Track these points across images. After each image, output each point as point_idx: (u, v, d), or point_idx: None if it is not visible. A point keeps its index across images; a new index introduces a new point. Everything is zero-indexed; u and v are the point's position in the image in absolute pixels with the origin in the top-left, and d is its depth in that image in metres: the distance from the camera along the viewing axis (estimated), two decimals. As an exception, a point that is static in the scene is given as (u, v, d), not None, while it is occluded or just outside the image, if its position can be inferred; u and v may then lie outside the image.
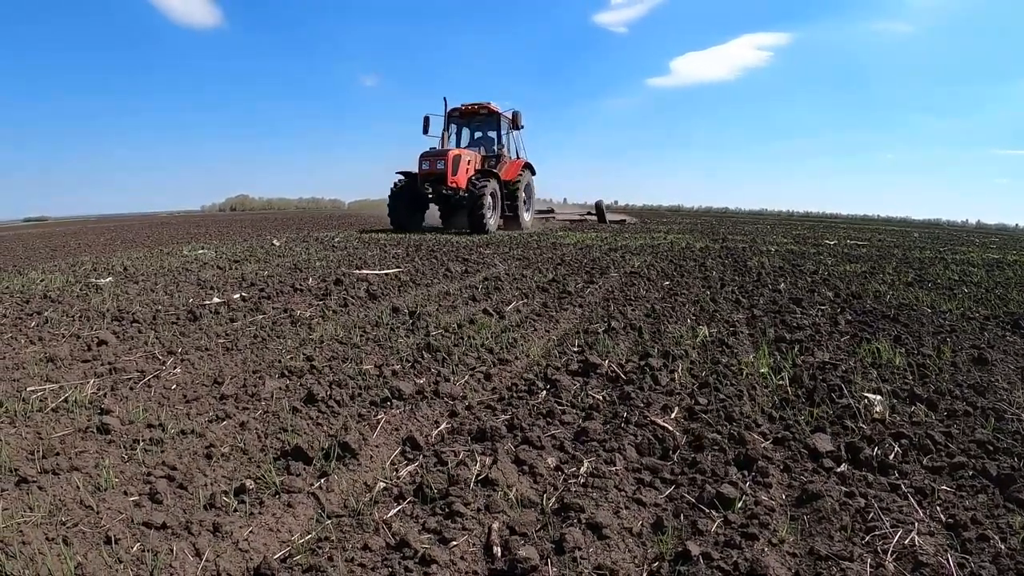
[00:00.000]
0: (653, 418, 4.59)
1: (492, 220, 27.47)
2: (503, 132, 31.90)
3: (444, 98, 30.52)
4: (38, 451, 4.20)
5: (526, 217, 31.57)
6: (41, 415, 4.88)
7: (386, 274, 12.11)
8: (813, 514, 3.34)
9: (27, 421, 4.77)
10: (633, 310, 8.41)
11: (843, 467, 3.94)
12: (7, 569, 2.94)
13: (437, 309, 8.54)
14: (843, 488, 3.63)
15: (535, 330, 7.40)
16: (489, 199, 26.91)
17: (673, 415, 4.73)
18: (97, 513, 3.40)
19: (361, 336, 7.10)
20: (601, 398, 5.06)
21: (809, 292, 10.24)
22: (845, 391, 5.15)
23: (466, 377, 5.62)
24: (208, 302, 9.13)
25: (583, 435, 4.33)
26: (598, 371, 5.69)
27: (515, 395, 5.25)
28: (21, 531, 3.19)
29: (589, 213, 43.38)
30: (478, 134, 32.77)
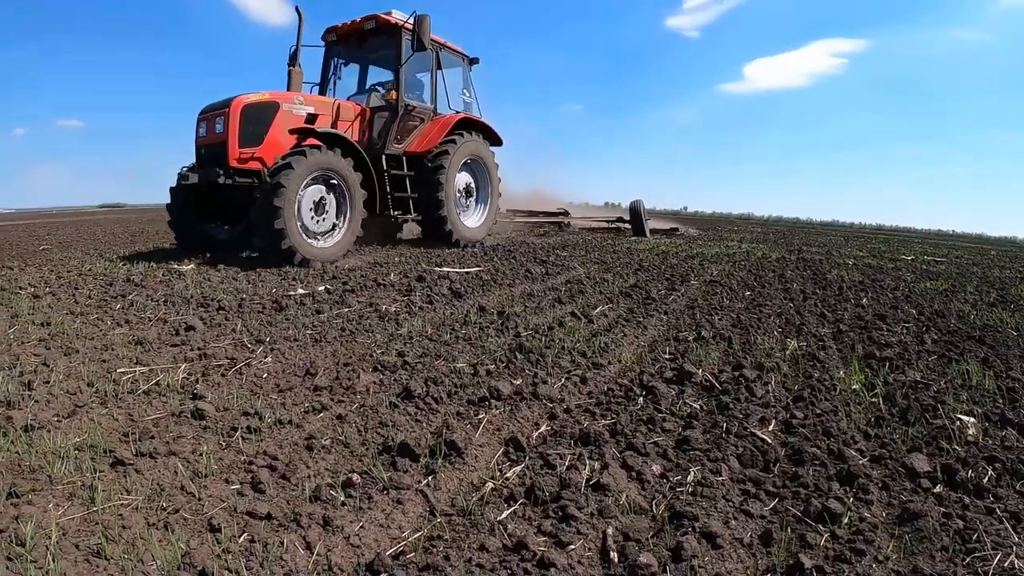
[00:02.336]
0: (752, 430, 4.56)
1: (330, 239, 13.76)
2: (405, 58, 16.54)
3: (297, 8, 16.39)
4: (133, 433, 4.24)
5: (471, 223, 18.90)
6: (133, 397, 4.95)
7: (467, 272, 12.11)
8: (915, 533, 3.30)
9: (118, 403, 4.84)
10: (720, 319, 8.34)
11: (939, 488, 3.88)
12: (107, 552, 2.94)
13: (524, 310, 8.55)
14: (941, 509, 3.58)
15: (624, 335, 7.33)
16: (297, 194, 12.67)
17: (771, 427, 4.68)
18: (199, 500, 3.42)
19: (451, 334, 7.12)
20: (699, 407, 5.02)
21: (892, 308, 10.06)
22: (940, 411, 5.07)
23: (562, 380, 5.59)
24: (293, 293, 9.22)
25: (685, 443, 4.31)
26: (693, 380, 5.64)
27: (613, 400, 5.21)
28: (120, 514, 3.21)
29: (620, 220, 30.26)
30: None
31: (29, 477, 3.60)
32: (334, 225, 13.77)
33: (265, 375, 5.59)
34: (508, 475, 3.84)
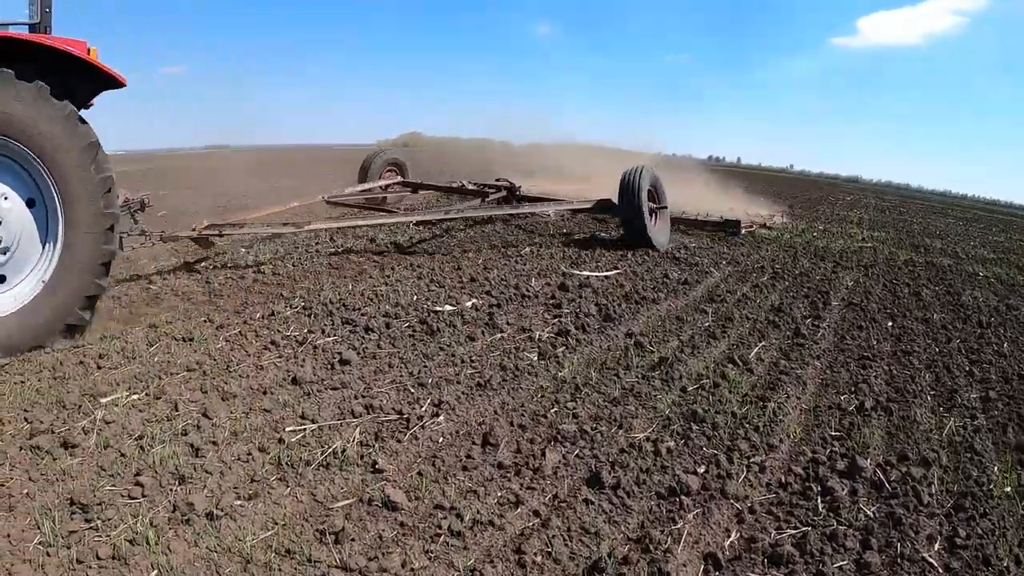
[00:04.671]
0: (923, 552, 4.62)
1: None
2: None
3: None
4: (329, 533, 4.32)
5: None
6: (311, 472, 5.04)
7: (606, 277, 12.03)
8: None
9: (298, 479, 4.95)
10: (873, 374, 8.21)
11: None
12: None
13: (679, 346, 8.49)
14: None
15: (788, 396, 7.20)
16: None
17: (936, 547, 4.75)
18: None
19: (615, 383, 7.13)
20: (872, 513, 5.07)
21: (1034, 359, 9.90)
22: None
23: (744, 471, 5.59)
24: (440, 310, 9.20)
25: (866, 569, 4.40)
26: (863, 474, 5.63)
27: (792, 496, 5.28)
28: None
29: (604, 205, 16.41)
30: None
31: (238, 595, 3.77)
32: None
33: (441, 440, 5.73)
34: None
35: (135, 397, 6.02)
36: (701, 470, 5.49)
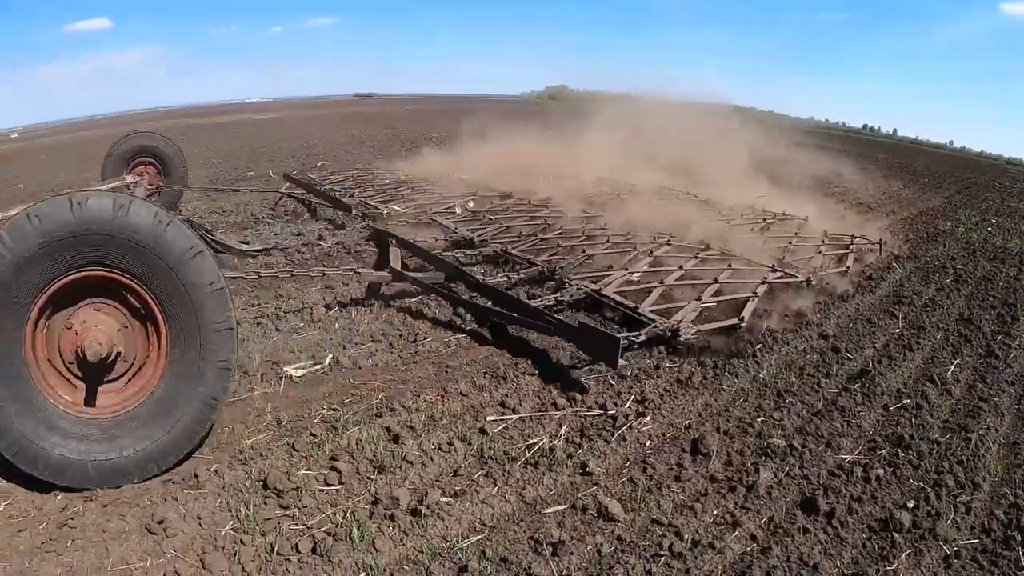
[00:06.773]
0: None
1: None
2: None
3: None
4: (543, 540, 4.29)
5: None
6: (518, 469, 5.01)
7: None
8: None
9: (505, 476, 4.93)
10: None
11: None
12: None
13: (875, 356, 8.12)
14: None
15: (987, 428, 6.76)
16: None
17: None
18: None
19: (818, 396, 6.88)
20: None
21: None
22: None
23: (952, 510, 5.30)
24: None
25: None
26: None
27: (995, 543, 5.00)
28: None
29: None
30: None
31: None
32: None
33: (649, 444, 5.64)
34: None
35: (318, 368, 6.05)
36: (911, 505, 5.28)
